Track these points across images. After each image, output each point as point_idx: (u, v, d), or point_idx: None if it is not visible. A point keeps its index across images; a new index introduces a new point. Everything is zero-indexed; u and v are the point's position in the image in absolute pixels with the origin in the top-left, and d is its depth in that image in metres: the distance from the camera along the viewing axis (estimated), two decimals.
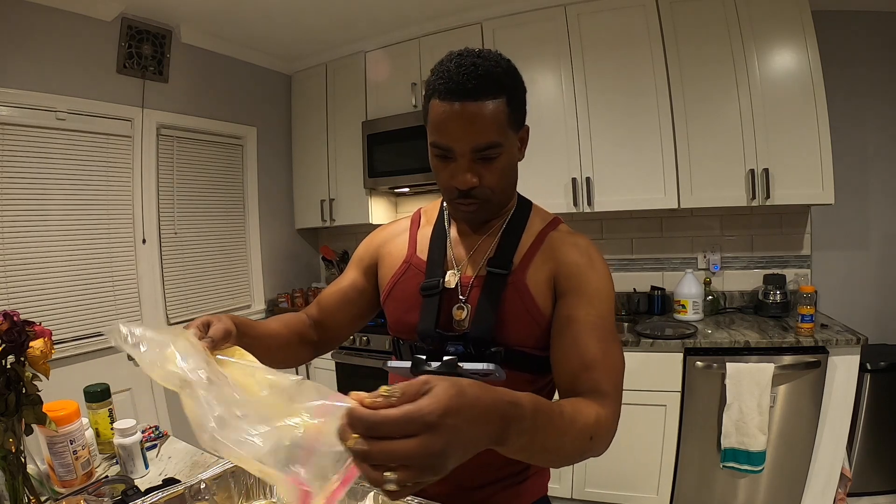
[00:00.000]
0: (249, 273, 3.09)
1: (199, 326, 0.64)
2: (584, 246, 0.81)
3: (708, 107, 2.23)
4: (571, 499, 2.25)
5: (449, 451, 0.38)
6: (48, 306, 2.09)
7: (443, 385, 0.39)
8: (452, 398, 0.39)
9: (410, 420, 0.36)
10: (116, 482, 0.98)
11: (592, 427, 0.61)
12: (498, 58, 0.73)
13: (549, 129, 2.45)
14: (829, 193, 2.09)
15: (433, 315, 0.80)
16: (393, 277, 0.88)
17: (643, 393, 2.09)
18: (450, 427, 0.38)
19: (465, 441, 0.40)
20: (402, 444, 0.36)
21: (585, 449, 0.61)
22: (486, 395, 0.43)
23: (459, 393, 0.40)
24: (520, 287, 0.78)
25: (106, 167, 2.31)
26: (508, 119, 0.73)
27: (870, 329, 2.11)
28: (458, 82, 0.69)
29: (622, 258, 2.72)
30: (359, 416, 0.37)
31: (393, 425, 0.36)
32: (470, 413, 0.40)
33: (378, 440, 0.36)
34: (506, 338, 0.77)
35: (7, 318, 0.75)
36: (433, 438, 0.37)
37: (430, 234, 0.89)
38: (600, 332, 0.72)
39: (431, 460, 0.37)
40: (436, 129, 0.73)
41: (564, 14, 2.41)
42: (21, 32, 1.99)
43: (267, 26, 2.70)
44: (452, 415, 0.38)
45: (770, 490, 1.99)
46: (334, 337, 0.96)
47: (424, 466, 0.37)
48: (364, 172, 2.92)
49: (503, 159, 0.75)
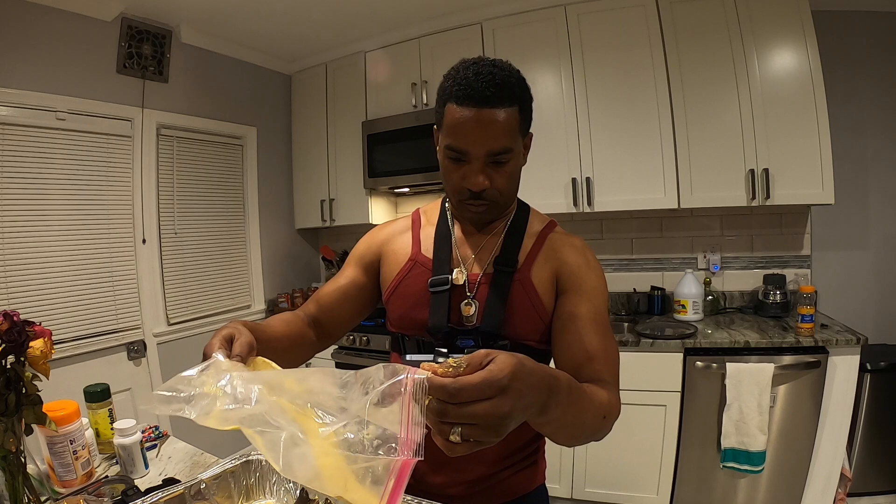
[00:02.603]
0: (249, 273, 3.09)
1: (223, 344, 0.61)
2: (580, 247, 0.87)
3: (708, 107, 2.23)
4: (571, 499, 2.25)
5: (514, 413, 0.43)
6: (48, 306, 2.09)
7: (504, 355, 0.44)
8: (516, 365, 0.44)
9: (488, 385, 0.42)
10: (116, 482, 0.98)
11: (606, 407, 0.66)
12: (511, 68, 0.78)
13: (549, 130, 2.45)
14: (829, 193, 2.09)
15: (444, 310, 0.83)
16: (398, 275, 0.90)
17: (643, 393, 2.09)
18: (516, 390, 0.43)
19: (525, 405, 0.45)
20: (478, 406, 0.41)
21: (600, 427, 0.65)
22: (538, 367, 0.48)
23: (520, 362, 0.45)
24: (526, 284, 0.83)
25: (106, 167, 2.31)
26: (520, 127, 0.78)
27: (870, 329, 2.11)
28: (477, 89, 0.72)
29: (622, 258, 2.72)
30: (440, 385, 0.42)
31: (473, 390, 0.41)
32: (529, 380, 0.46)
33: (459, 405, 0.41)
34: (512, 332, 0.81)
35: (7, 318, 0.75)
36: (503, 400, 0.42)
37: (433, 233, 0.92)
38: (599, 327, 0.77)
39: (498, 420, 0.42)
40: (452, 132, 0.76)
41: (564, 14, 2.41)
42: (21, 32, 1.99)
43: (267, 26, 2.70)
44: (519, 379, 0.44)
45: (770, 490, 1.99)
46: (332, 334, 0.96)
47: (490, 426, 0.42)
48: (364, 172, 2.92)
49: (512, 164, 0.80)
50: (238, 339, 0.63)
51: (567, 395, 0.54)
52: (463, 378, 0.42)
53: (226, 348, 0.61)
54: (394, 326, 0.91)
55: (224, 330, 0.64)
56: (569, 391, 0.55)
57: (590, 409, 0.62)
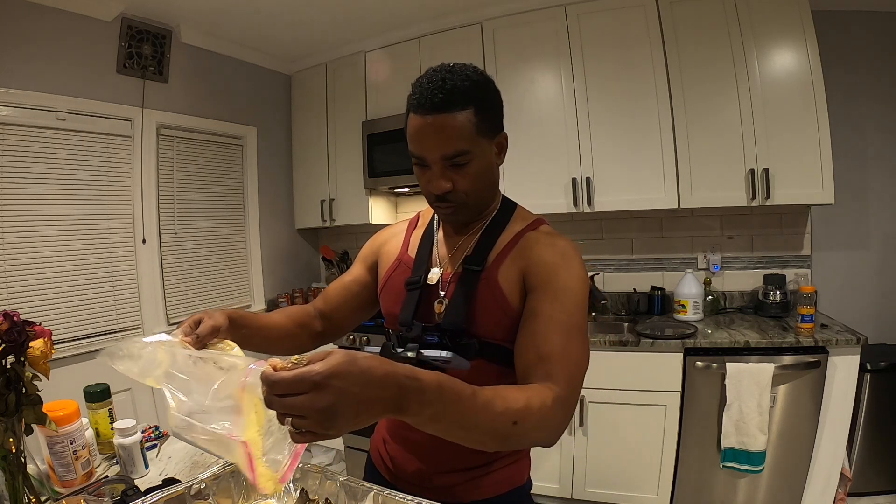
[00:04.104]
0: (249, 273, 3.09)
1: (191, 324, 0.75)
2: (561, 246, 0.83)
3: (708, 107, 2.23)
4: (571, 499, 2.25)
5: (338, 408, 0.47)
6: (48, 306, 2.09)
7: (337, 354, 0.48)
8: (341, 364, 0.47)
9: (299, 380, 0.46)
10: (116, 482, 0.98)
11: (517, 412, 0.62)
12: (468, 71, 0.78)
13: (549, 129, 2.45)
14: (829, 193, 2.09)
15: (412, 307, 0.87)
16: (386, 273, 0.97)
17: (643, 393, 2.09)
18: (335, 387, 0.46)
19: (353, 402, 0.48)
20: (294, 399, 0.46)
21: (509, 433, 0.62)
22: (380, 366, 0.50)
23: (350, 361, 0.48)
24: (491, 283, 0.83)
25: (106, 167, 2.31)
26: (477, 128, 0.77)
27: (870, 329, 2.11)
28: (427, 97, 0.75)
29: (622, 258, 2.72)
30: (265, 377, 0.48)
31: (286, 384, 0.46)
32: (360, 378, 0.48)
33: (280, 396, 0.47)
34: (479, 330, 0.81)
35: (7, 318, 0.75)
36: (319, 395, 0.46)
37: (421, 234, 0.97)
38: (563, 328, 0.74)
39: (320, 413, 0.46)
40: (411, 140, 0.80)
41: (564, 14, 2.41)
42: (21, 32, 1.99)
43: (267, 26, 2.70)
44: (339, 377, 0.47)
45: (770, 490, 1.99)
46: (339, 327, 1.05)
47: (316, 419, 0.46)
48: (364, 172, 2.92)
49: (475, 165, 0.79)
50: (204, 323, 0.75)
51: (438, 395, 0.54)
52: (280, 373, 0.47)
53: (192, 328, 0.74)
54: (385, 321, 0.97)
55: (196, 315, 0.77)
56: (439, 392, 0.54)
57: (483, 414, 0.59)
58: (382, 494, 0.72)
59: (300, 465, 0.79)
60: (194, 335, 0.72)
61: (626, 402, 2.12)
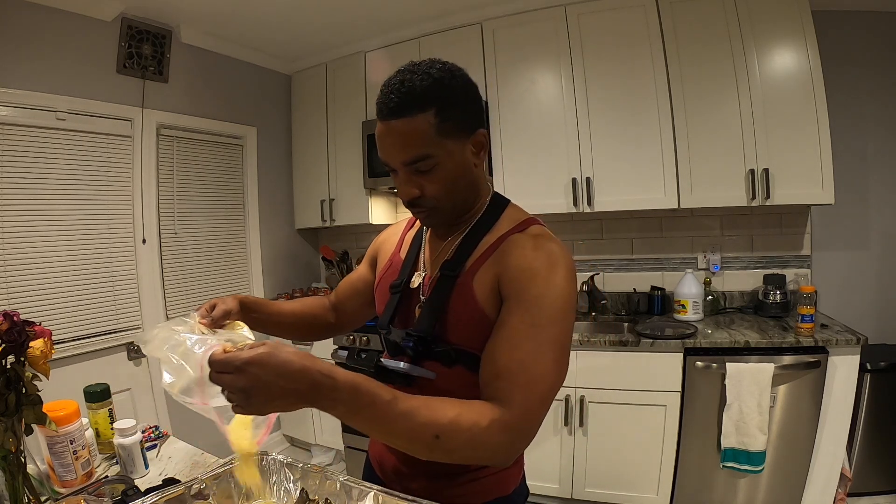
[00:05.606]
0: (249, 273, 3.09)
1: (207, 308, 0.84)
2: (546, 251, 0.75)
3: (708, 106, 2.23)
4: (571, 499, 2.25)
5: (251, 391, 0.54)
6: (48, 306, 2.09)
7: (265, 346, 0.56)
8: (262, 355, 0.55)
9: (226, 363, 0.55)
10: (116, 482, 0.98)
11: (441, 427, 0.62)
12: (433, 69, 0.74)
13: (549, 129, 2.45)
14: (829, 193, 2.09)
15: (391, 311, 0.88)
16: (379, 273, 0.97)
17: (643, 393, 2.09)
18: (252, 374, 0.54)
19: (270, 388, 0.55)
20: (222, 377, 0.55)
21: (433, 446, 0.62)
22: (298, 361, 0.56)
23: (270, 353, 0.55)
24: (465, 289, 0.78)
25: (106, 167, 2.31)
26: (438, 130, 0.72)
27: (870, 329, 2.11)
28: (384, 102, 0.73)
29: (622, 258, 2.72)
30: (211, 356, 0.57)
31: (219, 364, 0.55)
32: (275, 369, 0.54)
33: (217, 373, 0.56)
34: (452, 337, 0.78)
35: (7, 318, 0.75)
36: (238, 377, 0.54)
37: (413, 235, 0.97)
38: (529, 342, 0.68)
39: (239, 392, 0.55)
40: (377, 146, 0.78)
41: (564, 14, 2.41)
42: (21, 32, 1.99)
43: (267, 26, 2.70)
44: (256, 365, 0.54)
45: (770, 490, 1.99)
46: (349, 321, 1.11)
47: (238, 396, 0.55)
48: (364, 172, 2.92)
49: (442, 169, 0.75)
50: (217, 307, 0.84)
51: (351, 396, 0.58)
52: (219, 354, 0.56)
53: (208, 311, 0.83)
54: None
55: (212, 300, 0.86)
56: (353, 394, 0.58)
57: (401, 422, 0.60)
58: (382, 494, 0.72)
59: (300, 465, 0.80)
60: (209, 318, 0.80)
61: (626, 402, 2.12)
